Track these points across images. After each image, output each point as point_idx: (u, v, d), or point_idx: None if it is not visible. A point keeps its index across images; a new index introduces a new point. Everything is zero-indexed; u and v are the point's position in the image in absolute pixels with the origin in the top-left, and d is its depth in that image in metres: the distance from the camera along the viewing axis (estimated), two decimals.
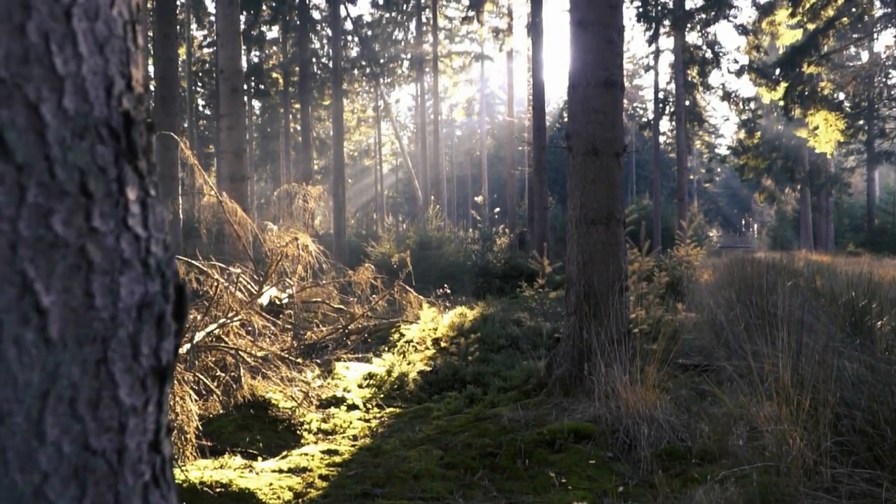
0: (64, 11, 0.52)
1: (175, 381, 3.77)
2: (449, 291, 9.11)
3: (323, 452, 3.75)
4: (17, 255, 0.48)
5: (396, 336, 6.88)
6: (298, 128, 32.04)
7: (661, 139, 36.42)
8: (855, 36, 25.74)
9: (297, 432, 4.15)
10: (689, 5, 24.18)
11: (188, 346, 4.72)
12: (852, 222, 36.81)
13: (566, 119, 4.76)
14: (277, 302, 7.40)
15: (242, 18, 23.54)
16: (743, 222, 65.77)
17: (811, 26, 19.57)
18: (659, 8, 25.41)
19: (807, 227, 34.33)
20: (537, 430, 3.75)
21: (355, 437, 4.11)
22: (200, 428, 3.68)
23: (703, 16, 24.35)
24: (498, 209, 18.80)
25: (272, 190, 38.70)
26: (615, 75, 4.31)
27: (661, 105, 28.40)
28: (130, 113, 0.57)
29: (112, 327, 0.54)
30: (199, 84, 34.14)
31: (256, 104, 36.09)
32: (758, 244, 43.40)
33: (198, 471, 3.34)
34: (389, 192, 52.43)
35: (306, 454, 3.71)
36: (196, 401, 4.23)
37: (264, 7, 25.62)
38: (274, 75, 31.31)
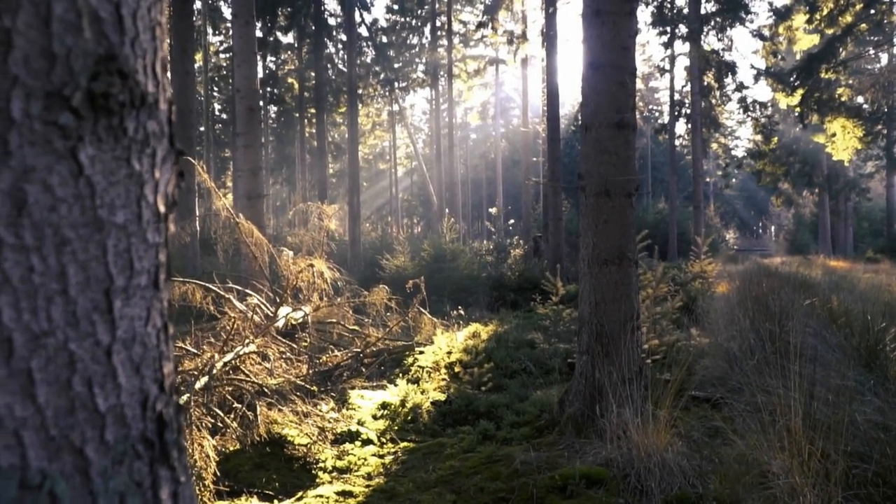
0: (105, 351, 0.58)
1: (193, 426, 3.86)
2: (463, 311, 9.16)
3: (337, 494, 3.81)
4: None
5: (411, 360, 6.94)
6: (314, 131, 32.23)
7: (677, 142, 36.26)
8: (874, 39, 25.50)
9: (313, 471, 4.21)
10: (704, 10, 24.05)
11: (205, 379, 4.81)
12: (872, 226, 36.45)
13: (579, 157, 4.79)
14: (293, 322, 7.49)
15: (258, 25, 23.74)
16: (760, 224, 65.30)
17: (829, 31, 19.41)
18: (675, 11, 25.30)
19: (825, 232, 34.05)
20: (549, 473, 3.79)
21: (369, 476, 4.18)
22: (218, 473, 3.76)
23: (719, 19, 24.21)
24: (512, 221, 18.83)
25: (288, 193, 38.95)
26: (627, 117, 4.35)
27: (676, 108, 28.28)
28: (163, 414, 0.63)
29: None
30: (216, 89, 34.43)
31: (272, 108, 36.33)
32: (775, 248, 43.10)
33: None
34: (404, 195, 52.59)
35: (321, 496, 3.77)
36: (211, 436, 4.31)
37: (280, 14, 25.79)
38: (289, 81, 31.51)
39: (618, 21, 4.33)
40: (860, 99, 22.57)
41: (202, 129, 29.57)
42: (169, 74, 0.65)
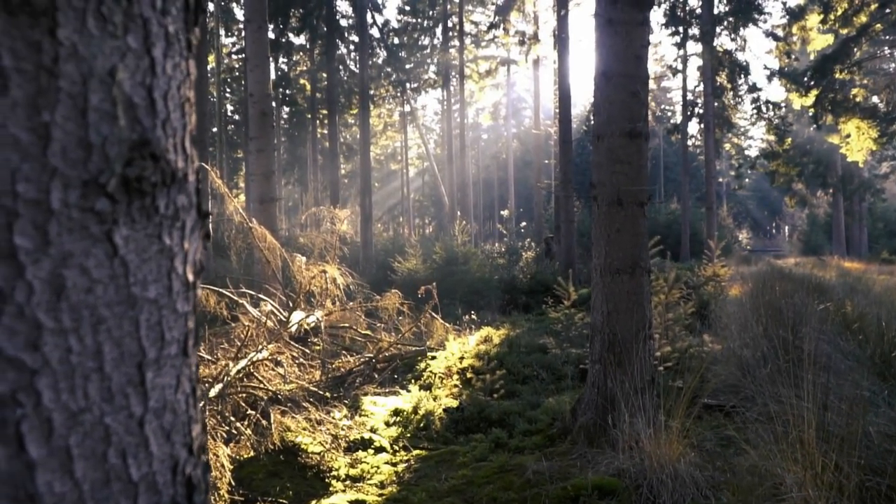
0: (138, 422, 0.60)
1: (209, 436, 3.89)
2: (475, 314, 9.18)
3: (350, 503, 3.84)
4: None
5: (423, 365, 6.97)
6: (325, 132, 32.34)
7: (690, 142, 36.08)
8: (889, 39, 25.26)
9: (326, 479, 4.24)
10: (717, 10, 23.93)
11: (219, 387, 4.85)
12: (887, 227, 36.15)
13: (591, 166, 4.80)
14: (306, 327, 7.53)
15: (270, 27, 23.81)
16: (774, 224, 64.89)
17: (843, 31, 19.27)
18: (687, 12, 25.18)
19: (839, 232, 33.80)
20: (561, 484, 3.80)
21: (382, 485, 4.20)
22: (232, 482, 3.79)
23: (732, 20, 24.07)
24: (524, 223, 18.83)
25: (300, 194, 39.10)
26: (640, 126, 4.35)
27: (689, 109, 28.14)
28: (192, 478, 0.65)
29: None
30: (228, 91, 34.61)
31: (284, 110, 36.46)
32: (789, 248, 42.81)
33: None
34: (416, 195, 52.66)
35: None
36: (225, 444, 4.35)
37: (292, 16, 25.87)
38: (302, 82, 31.62)
39: (630, 31, 4.33)
40: (875, 99, 22.37)
41: (214, 129, 29.75)
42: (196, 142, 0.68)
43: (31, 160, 0.52)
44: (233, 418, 4.70)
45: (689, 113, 27.93)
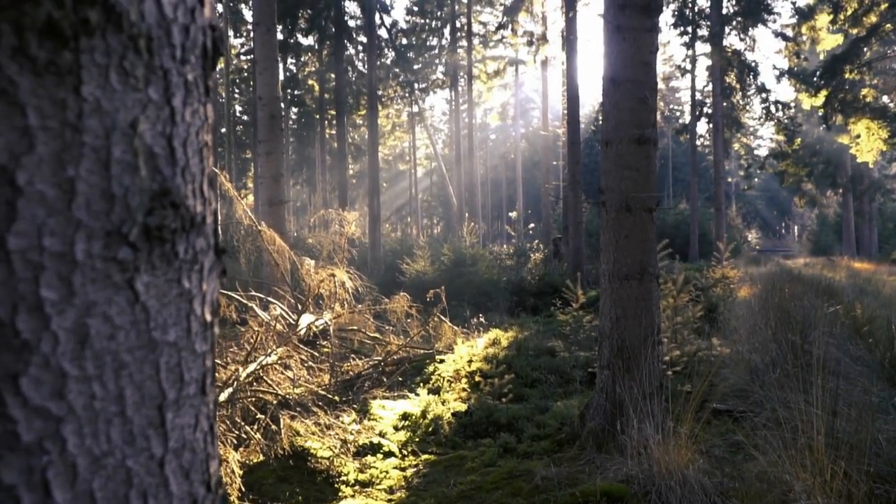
0: (158, 463, 0.61)
1: (219, 442, 3.92)
2: (483, 316, 9.19)
3: None
4: None
5: (431, 369, 6.98)
6: (334, 133, 32.40)
7: (699, 141, 35.95)
8: None
9: (335, 484, 4.26)
10: (726, 10, 23.83)
11: (229, 391, 4.88)
12: None
13: (600, 172, 4.80)
14: (314, 330, 7.55)
15: (279, 28, 23.85)
16: (783, 224, 64.60)
17: (853, 31, 19.17)
18: (696, 12, 25.12)
19: (849, 233, 33.61)
20: (570, 490, 3.80)
21: (391, 490, 4.22)
22: (242, 488, 3.82)
23: (741, 20, 23.98)
24: (532, 225, 18.83)
25: (308, 195, 39.19)
26: (648, 133, 4.35)
27: (698, 109, 28.06)
28: None
29: None
30: (237, 91, 34.73)
31: (293, 110, 36.54)
32: (798, 248, 42.59)
33: None
34: (424, 195, 52.67)
35: None
36: (235, 449, 4.38)
37: (300, 17, 25.93)
38: (310, 83, 31.69)
39: (638, 37, 4.33)
40: (885, 99, 22.23)
41: (223, 130, 29.85)
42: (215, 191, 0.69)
43: (56, 214, 0.53)
44: (242, 423, 4.73)
45: (697, 113, 27.86)
